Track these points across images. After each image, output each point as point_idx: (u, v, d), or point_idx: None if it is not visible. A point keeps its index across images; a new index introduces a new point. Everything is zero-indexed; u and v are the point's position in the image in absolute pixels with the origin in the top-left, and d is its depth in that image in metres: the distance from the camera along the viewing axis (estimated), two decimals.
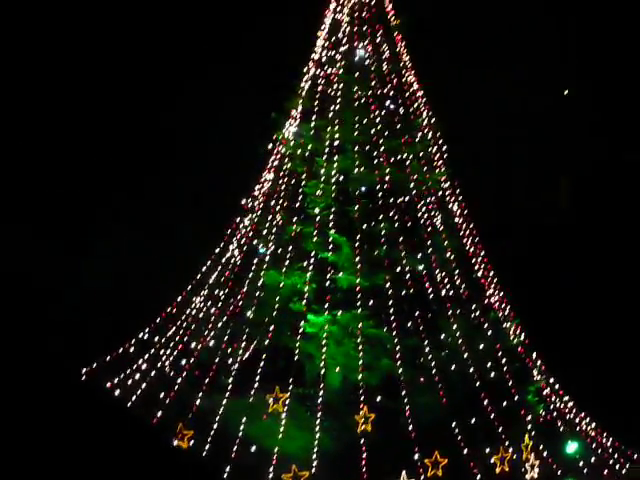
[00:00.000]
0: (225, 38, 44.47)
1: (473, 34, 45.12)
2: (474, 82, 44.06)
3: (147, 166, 42.54)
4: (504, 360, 28.08)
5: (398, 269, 28.38)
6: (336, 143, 30.12)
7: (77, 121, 42.10)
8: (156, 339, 30.78)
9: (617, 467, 27.99)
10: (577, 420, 29.61)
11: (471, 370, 26.93)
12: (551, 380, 30.10)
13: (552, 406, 29.09)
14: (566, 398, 30.10)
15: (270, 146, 31.74)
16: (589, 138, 45.95)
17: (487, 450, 25.36)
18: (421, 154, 31.12)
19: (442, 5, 42.69)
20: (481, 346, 28.19)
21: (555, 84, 47.21)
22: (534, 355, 29.97)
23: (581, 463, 27.13)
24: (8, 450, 18.34)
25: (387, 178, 29.66)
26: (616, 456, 28.41)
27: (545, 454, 26.28)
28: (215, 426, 24.95)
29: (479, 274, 30.52)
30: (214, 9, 44.16)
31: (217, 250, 31.33)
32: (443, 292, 28.81)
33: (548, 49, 46.30)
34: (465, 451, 24.69)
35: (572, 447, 27.30)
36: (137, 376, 28.89)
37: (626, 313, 39.77)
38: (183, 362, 28.46)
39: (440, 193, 31.24)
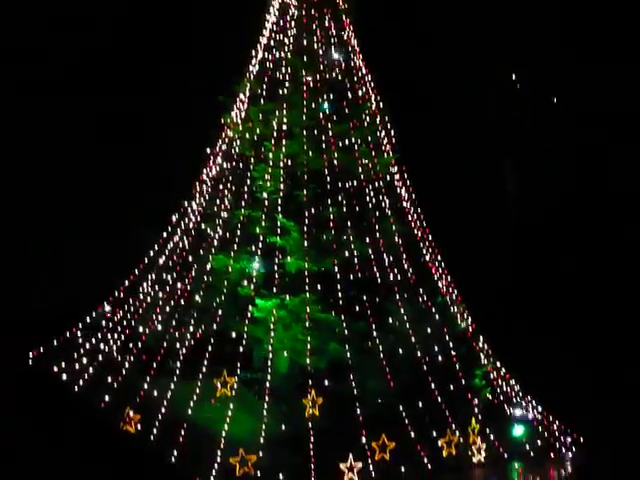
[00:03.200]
0: (173, 24, 44.29)
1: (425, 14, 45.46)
2: (425, 65, 44.26)
3: (95, 151, 42.28)
4: (451, 344, 28.28)
5: (346, 254, 28.42)
6: (284, 127, 30.02)
7: None
8: (103, 323, 30.59)
9: (563, 450, 28.23)
10: (523, 404, 29.83)
11: (419, 354, 27.08)
12: (498, 364, 30.28)
13: (498, 390, 29.30)
14: (512, 382, 30.31)
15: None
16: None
17: (434, 433, 25.50)
18: (369, 138, 31.08)
19: None
20: (428, 330, 28.33)
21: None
22: (481, 339, 30.17)
23: (527, 446, 27.38)
24: None
25: (335, 162, 29.63)
26: (562, 439, 28.65)
27: (492, 437, 26.49)
28: (163, 410, 24.88)
29: (427, 258, 30.63)
30: None
31: (165, 234, 31.18)
32: (391, 276, 28.91)
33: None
34: (412, 435, 24.83)
35: (518, 430, 27.57)
36: (84, 360, 28.71)
37: (572, 294, 40.22)
38: (131, 346, 28.32)
39: (388, 178, 31.25)
